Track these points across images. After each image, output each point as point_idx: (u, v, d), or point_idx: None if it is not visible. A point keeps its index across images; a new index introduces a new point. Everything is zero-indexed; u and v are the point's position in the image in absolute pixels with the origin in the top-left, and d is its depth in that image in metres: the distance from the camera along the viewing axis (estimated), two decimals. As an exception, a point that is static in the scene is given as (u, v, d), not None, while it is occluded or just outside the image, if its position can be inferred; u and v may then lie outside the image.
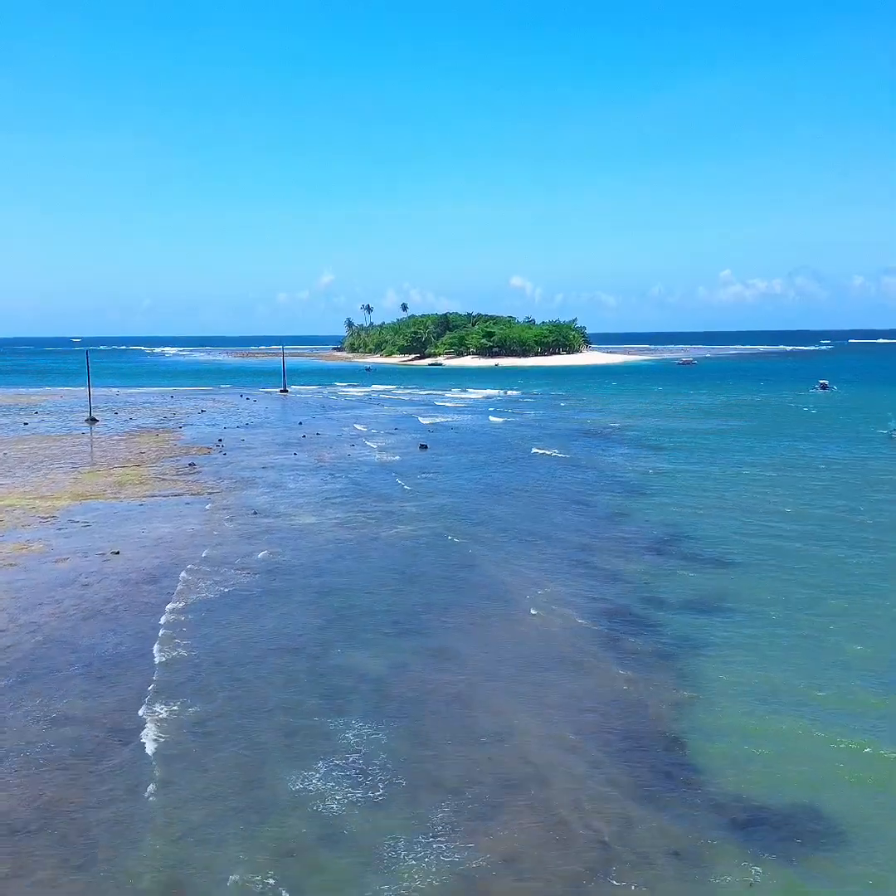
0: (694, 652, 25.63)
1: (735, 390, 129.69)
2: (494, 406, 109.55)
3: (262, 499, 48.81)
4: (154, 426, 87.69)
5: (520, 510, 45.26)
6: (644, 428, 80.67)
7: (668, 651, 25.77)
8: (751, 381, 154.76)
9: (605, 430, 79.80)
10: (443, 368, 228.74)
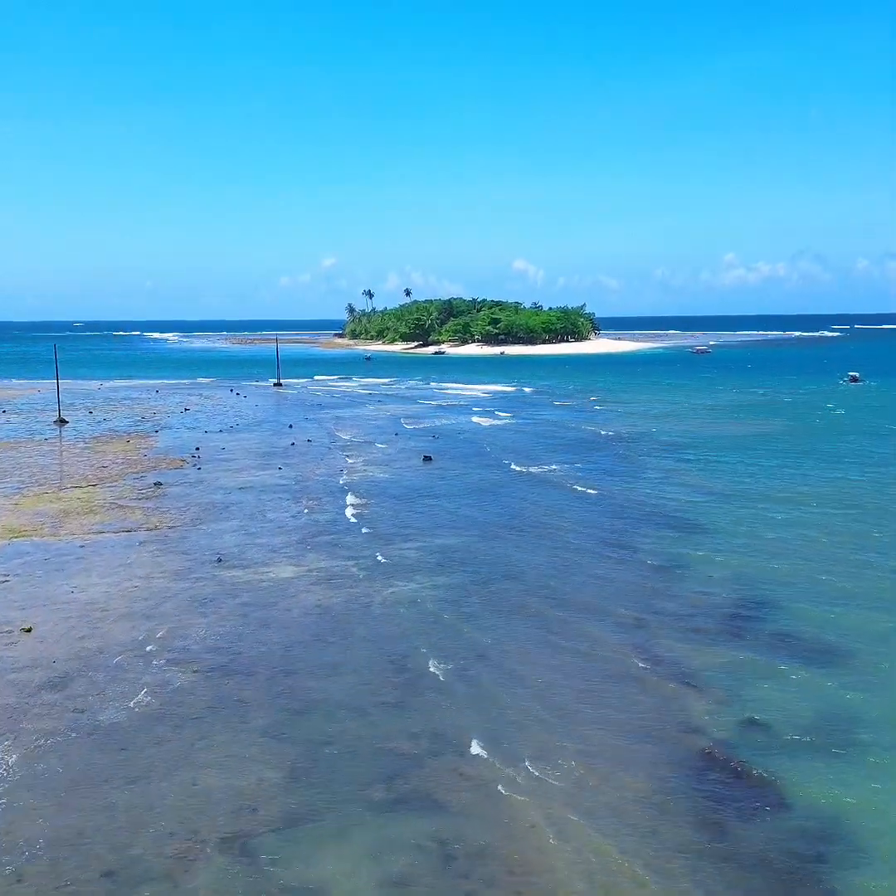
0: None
1: (760, 384, 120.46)
2: (504, 405, 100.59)
3: (231, 538, 39.97)
4: (128, 429, 78.83)
5: (544, 558, 36.38)
6: (673, 433, 71.70)
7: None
8: (773, 372, 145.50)
9: (629, 437, 70.79)
10: (446, 357, 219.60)
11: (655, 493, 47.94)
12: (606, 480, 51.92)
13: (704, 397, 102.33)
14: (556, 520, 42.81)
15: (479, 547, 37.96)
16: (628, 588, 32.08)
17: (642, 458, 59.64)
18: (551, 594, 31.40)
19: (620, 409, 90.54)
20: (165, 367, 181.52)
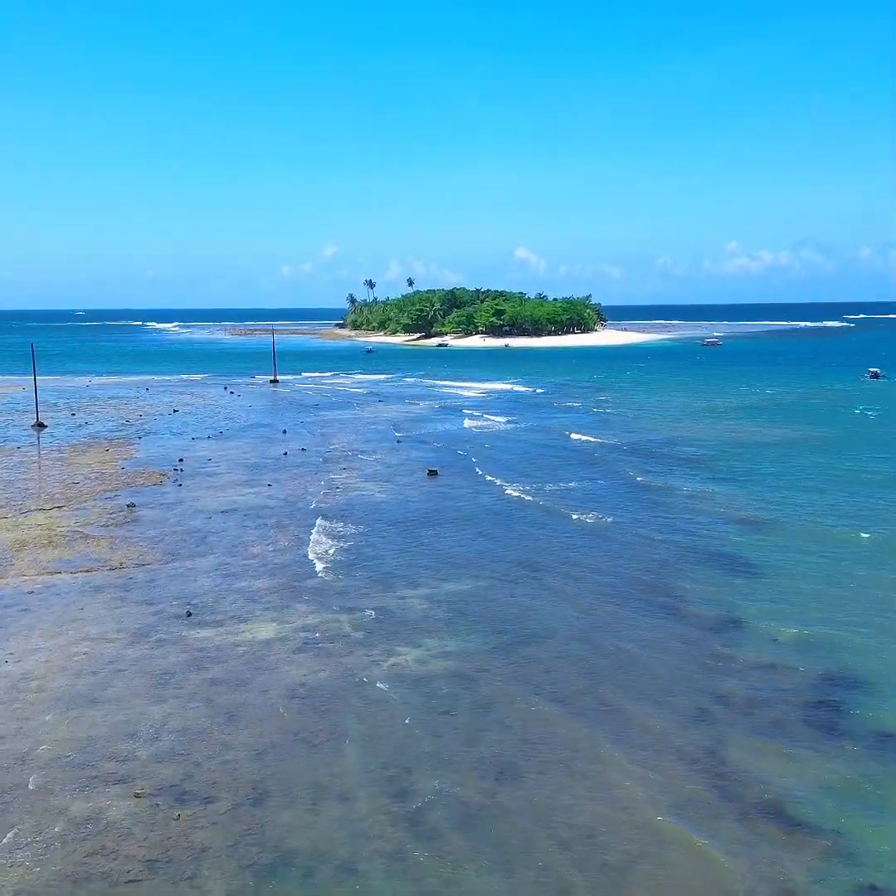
0: None
1: (778, 382, 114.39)
2: (511, 407, 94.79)
3: (206, 581, 34.27)
4: (109, 434, 73.12)
5: (575, 611, 30.62)
6: (695, 442, 65.85)
7: None
8: (789, 368, 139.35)
9: (652, 445, 64.98)
10: (450, 350, 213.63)
11: (687, 521, 42.17)
12: (629, 504, 46.14)
13: (723, 397, 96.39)
14: (579, 555, 37.07)
15: (497, 594, 32.22)
16: (681, 660, 26.33)
17: (665, 474, 53.84)
18: (590, 669, 25.65)
19: (634, 412, 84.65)
20: (160, 362, 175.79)
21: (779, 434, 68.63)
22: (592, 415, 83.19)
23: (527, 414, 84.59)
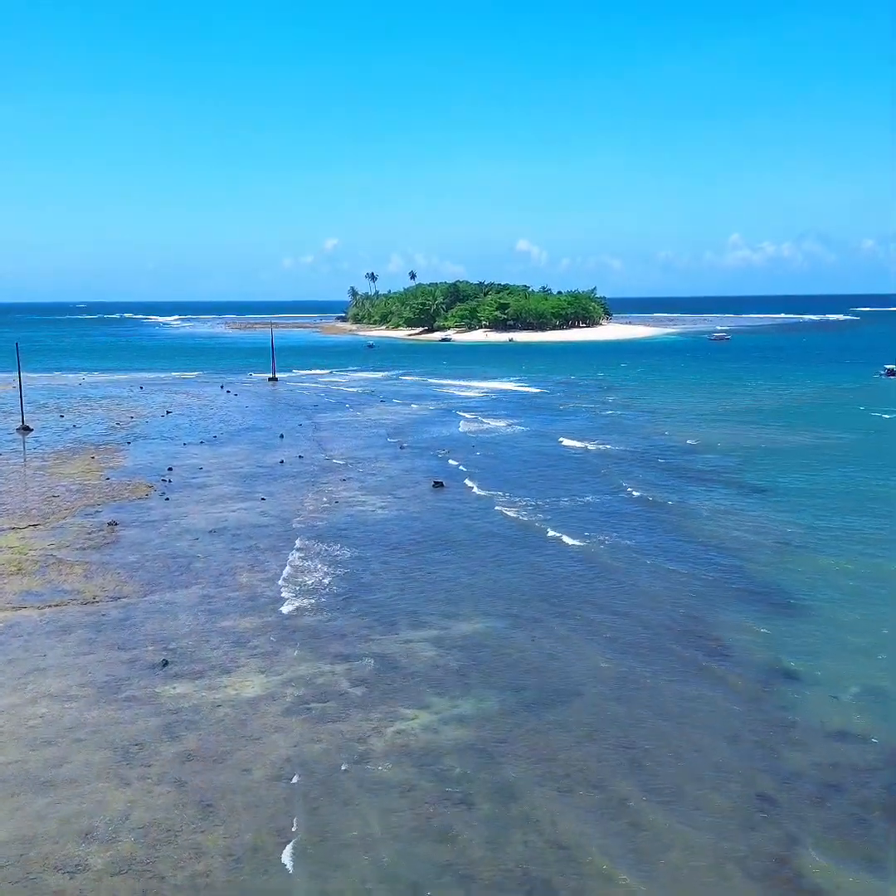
0: None
1: (793, 380, 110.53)
2: (518, 408, 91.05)
3: (187, 618, 30.62)
4: (97, 439, 69.46)
5: (604, 661, 26.91)
6: (714, 449, 62.12)
7: None
8: (801, 364, 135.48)
9: (666, 454, 61.29)
10: (453, 345, 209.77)
11: (713, 547, 38.47)
12: (648, 526, 42.43)
13: (737, 398, 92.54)
14: (601, 588, 33.40)
15: (515, 639, 28.54)
16: (730, 728, 22.66)
17: (683, 489, 50.15)
18: (625, 741, 21.98)
19: (644, 416, 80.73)
20: (157, 357, 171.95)
21: (800, 440, 64.83)
22: (602, 418, 79.39)
23: (533, 418, 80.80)
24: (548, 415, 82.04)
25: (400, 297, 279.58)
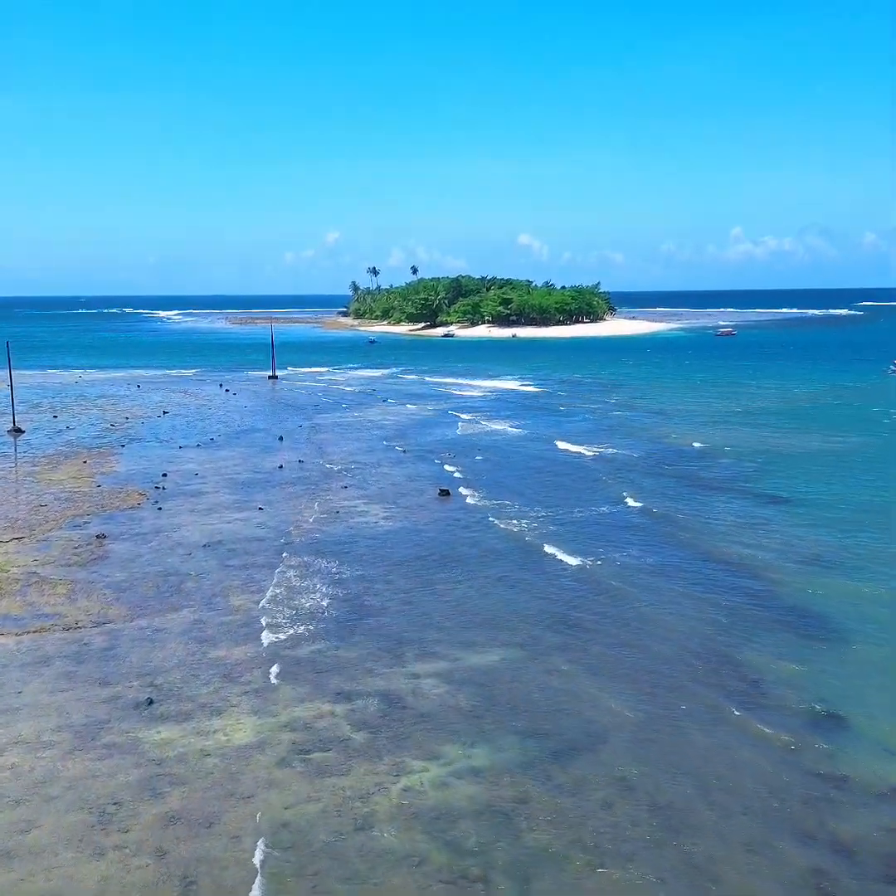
0: None
1: (803, 378, 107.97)
2: (523, 408, 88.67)
3: (176, 648, 28.33)
4: (90, 442, 67.19)
5: (629, 702, 24.61)
6: (730, 453, 59.79)
7: None
8: (811, 361, 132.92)
9: (679, 459, 59.00)
10: (456, 341, 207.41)
11: (738, 565, 36.14)
12: (665, 541, 40.05)
13: (748, 398, 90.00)
14: (617, 616, 31.07)
15: (531, 673, 26.22)
16: (774, 785, 20.36)
17: (701, 498, 47.88)
18: (659, 802, 19.68)
19: (653, 417, 78.23)
20: (156, 354, 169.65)
21: (815, 444, 62.35)
22: (609, 419, 76.97)
23: (538, 419, 78.40)
24: (553, 416, 79.66)
25: (402, 291, 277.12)
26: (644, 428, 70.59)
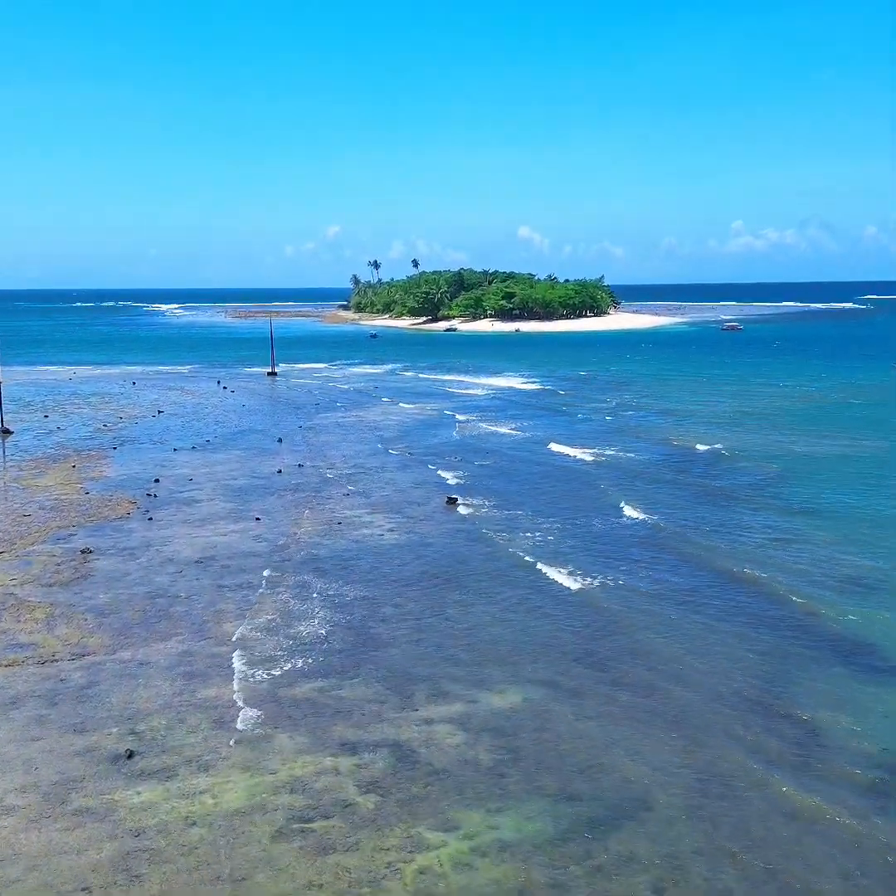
0: None
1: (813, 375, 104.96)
2: (530, 408, 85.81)
3: (160, 686, 25.52)
4: (81, 444, 64.35)
5: (670, 754, 21.79)
6: (750, 456, 57.00)
7: None
8: (819, 356, 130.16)
9: (693, 463, 56.28)
10: (458, 335, 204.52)
11: (771, 586, 33.30)
12: (689, 560, 37.22)
13: (759, 397, 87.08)
14: (647, 647, 28.25)
15: (557, 719, 23.39)
16: (850, 855, 17.57)
17: (724, 507, 45.21)
18: (720, 888, 16.85)
19: (664, 418, 75.42)
20: (153, 349, 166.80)
21: (837, 448, 59.40)
22: (618, 420, 74.06)
23: (545, 420, 75.53)
24: (560, 417, 76.77)
25: (403, 285, 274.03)
26: (654, 430, 67.63)
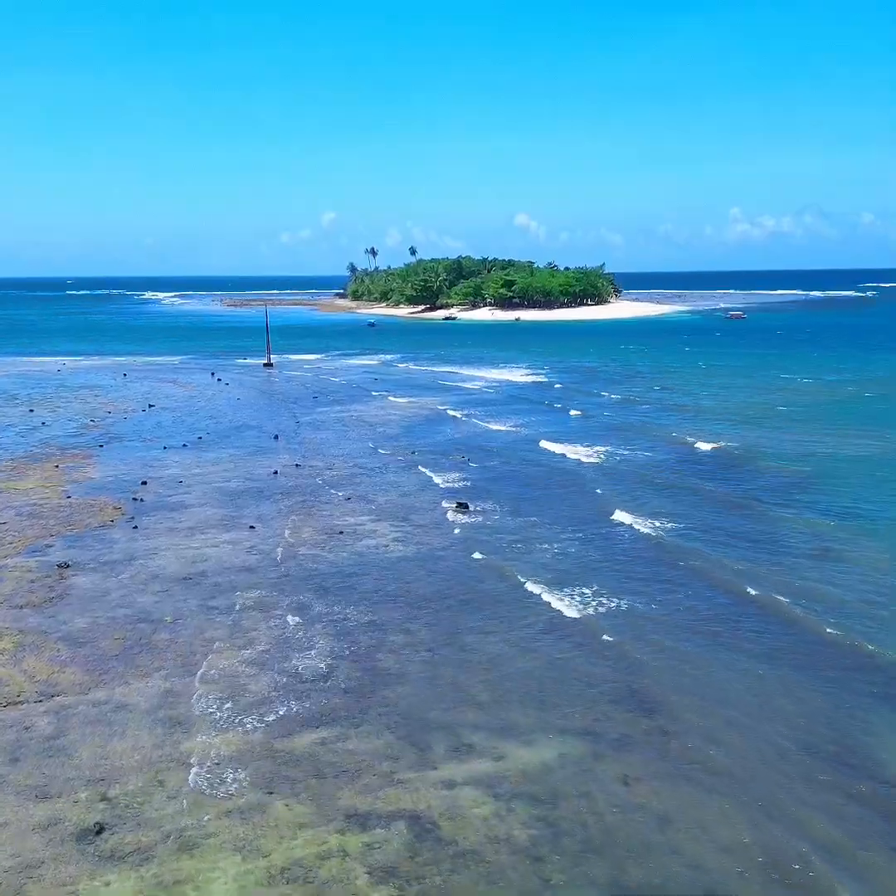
0: None
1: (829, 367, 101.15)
2: (536, 401, 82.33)
3: (137, 737, 22.14)
4: (66, 441, 60.87)
5: (737, 830, 18.48)
6: (778, 455, 53.71)
7: None
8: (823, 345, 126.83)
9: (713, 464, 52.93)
10: (458, 324, 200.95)
11: (826, 611, 29.95)
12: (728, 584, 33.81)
13: (777, 392, 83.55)
14: (699, 689, 24.93)
15: (601, 782, 20.02)
16: None
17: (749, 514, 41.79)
18: None
19: (676, 414, 71.87)
20: (147, 338, 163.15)
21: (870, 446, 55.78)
22: (629, 416, 70.67)
23: (552, 417, 72.09)
24: (566, 414, 73.28)
25: (401, 273, 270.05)
26: (666, 428, 63.87)
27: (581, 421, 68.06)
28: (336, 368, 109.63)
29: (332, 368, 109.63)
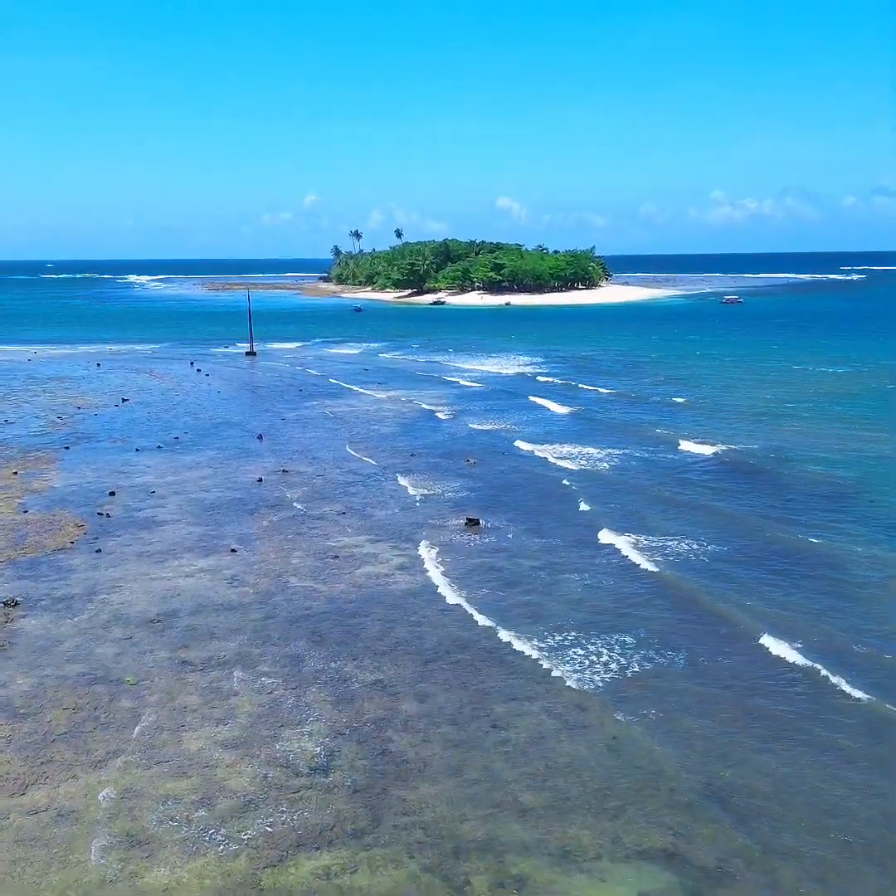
0: None
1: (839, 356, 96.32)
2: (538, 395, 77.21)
3: (84, 860, 16.95)
4: (28, 442, 55.37)
5: None
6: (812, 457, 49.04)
7: None
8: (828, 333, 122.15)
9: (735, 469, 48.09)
10: (447, 309, 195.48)
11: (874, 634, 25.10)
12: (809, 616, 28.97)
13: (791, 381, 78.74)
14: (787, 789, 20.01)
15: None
16: None
17: (806, 525, 36.93)
18: None
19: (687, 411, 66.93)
20: (125, 325, 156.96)
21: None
22: (638, 414, 65.70)
23: (554, 415, 67.05)
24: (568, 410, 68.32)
25: (386, 256, 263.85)
26: (678, 427, 58.19)
27: (582, 421, 63.01)
28: (322, 357, 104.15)
29: (318, 357, 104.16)
